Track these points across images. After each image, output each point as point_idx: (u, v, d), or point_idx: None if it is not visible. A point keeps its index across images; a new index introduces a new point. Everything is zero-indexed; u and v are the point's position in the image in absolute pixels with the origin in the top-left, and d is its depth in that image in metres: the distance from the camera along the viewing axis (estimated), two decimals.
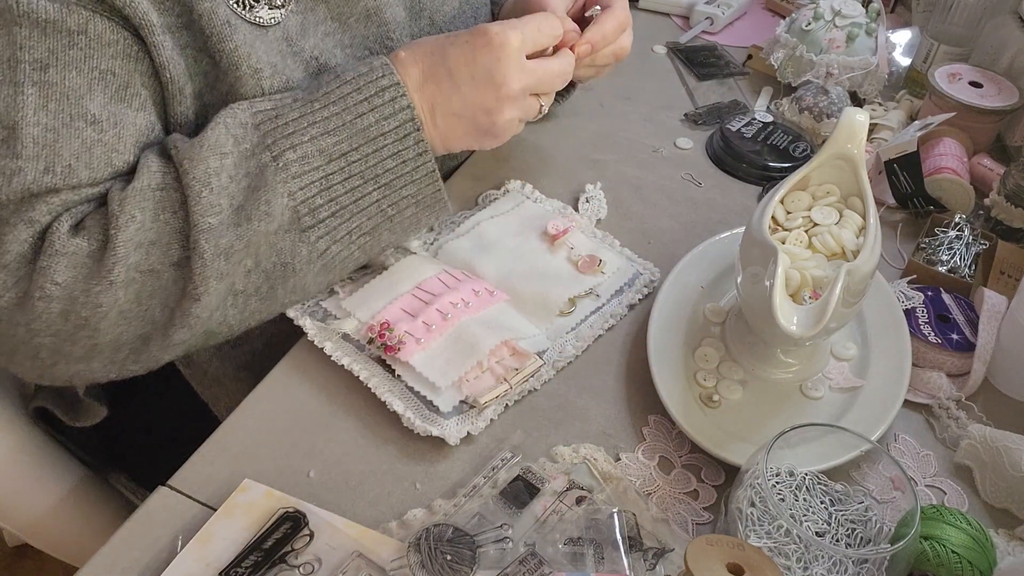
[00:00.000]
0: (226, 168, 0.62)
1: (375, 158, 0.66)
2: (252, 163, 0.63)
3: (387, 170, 0.67)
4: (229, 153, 0.63)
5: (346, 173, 0.65)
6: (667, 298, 0.77)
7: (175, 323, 0.64)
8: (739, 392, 0.71)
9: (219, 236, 0.62)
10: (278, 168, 0.63)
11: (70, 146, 0.61)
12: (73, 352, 0.63)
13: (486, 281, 0.77)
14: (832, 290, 0.59)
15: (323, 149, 0.64)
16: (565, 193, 0.91)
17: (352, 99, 0.65)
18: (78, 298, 0.61)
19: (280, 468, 0.65)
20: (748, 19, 1.30)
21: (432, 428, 0.66)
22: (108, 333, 0.63)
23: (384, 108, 0.66)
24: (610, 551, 0.57)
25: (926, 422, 0.72)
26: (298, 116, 0.65)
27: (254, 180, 0.63)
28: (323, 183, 0.64)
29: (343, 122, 0.65)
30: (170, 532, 0.60)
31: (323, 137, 0.64)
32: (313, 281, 0.69)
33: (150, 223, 0.62)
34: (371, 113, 0.65)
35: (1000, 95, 0.97)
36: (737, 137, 0.99)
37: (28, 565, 1.38)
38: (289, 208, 0.64)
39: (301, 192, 0.64)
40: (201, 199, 0.61)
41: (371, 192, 0.67)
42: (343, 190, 0.65)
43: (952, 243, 0.84)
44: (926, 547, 0.57)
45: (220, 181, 0.62)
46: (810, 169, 0.71)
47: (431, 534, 0.58)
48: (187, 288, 0.62)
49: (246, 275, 0.65)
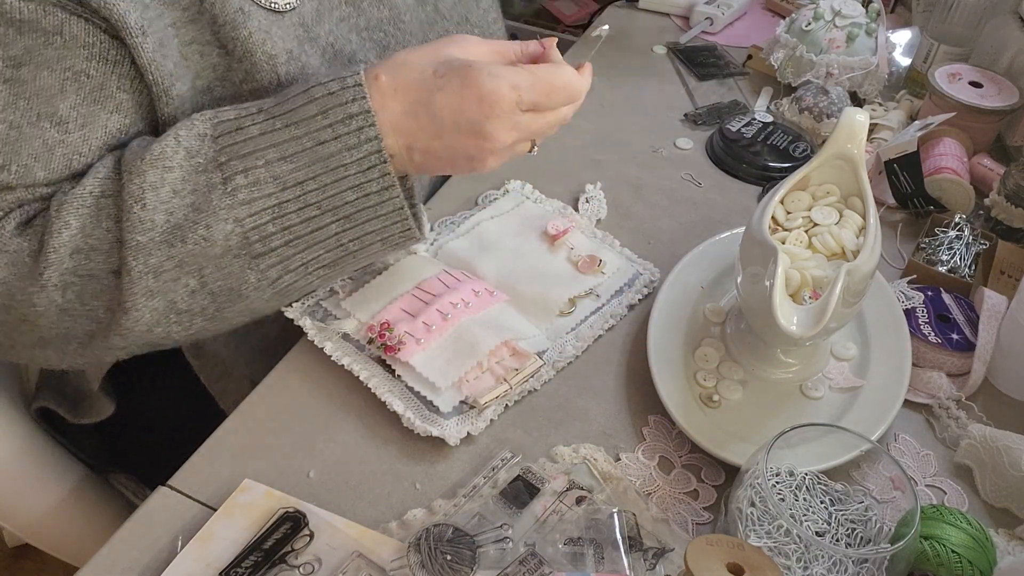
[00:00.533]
0: (168, 182, 0.60)
1: (334, 188, 0.61)
2: (201, 179, 0.60)
3: (347, 202, 0.62)
4: (176, 167, 0.60)
5: (301, 203, 0.61)
6: (667, 298, 0.77)
7: (111, 329, 0.63)
8: (739, 392, 0.71)
9: (148, 255, 0.60)
10: (225, 192, 0.60)
11: (30, 145, 0.61)
12: (23, 340, 0.64)
13: (486, 281, 0.77)
14: (832, 290, 0.59)
15: (278, 176, 0.60)
16: (565, 193, 0.91)
17: (317, 123, 0.61)
18: (15, 295, 0.61)
19: (280, 468, 0.65)
20: (748, 19, 1.30)
21: (432, 428, 0.66)
22: (52, 328, 0.63)
23: (349, 138, 0.61)
24: (610, 551, 0.57)
25: (926, 422, 0.72)
26: (258, 134, 0.61)
27: (199, 199, 0.60)
28: (275, 211, 0.61)
29: (302, 147, 0.61)
30: (170, 532, 0.60)
31: (280, 163, 0.60)
32: (266, 305, 0.67)
33: (90, 229, 0.61)
34: (334, 142, 0.61)
35: (1000, 95, 0.97)
36: (737, 137, 0.99)
37: (28, 566, 1.38)
38: (236, 234, 0.61)
39: (250, 219, 0.61)
40: (131, 214, 0.59)
41: (328, 224, 0.62)
42: (297, 219, 0.62)
43: (952, 243, 0.84)
44: (926, 547, 0.57)
45: (158, 196, 0.60)
46: (810, 169, 0.71)
47: (431, 534, 0.58)
48: (119, 300, 0.61)
49: (190, 295, 0.63)
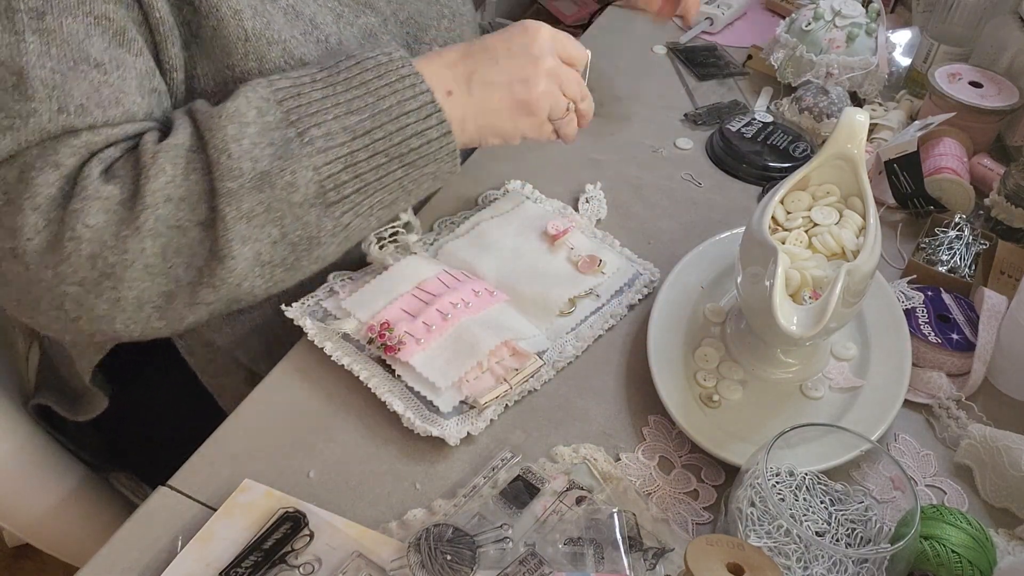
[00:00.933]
0: (247, 136, 0.64)
1: (399, 136, 0.68)
2: (276, 134, 0.65)
3: (411, 149, 0.69)
4: (251, 123, 0.64)
5: (371, 151, 0.67)
6: (667, 298, 0.77)
7: (202, 282, 0.65)
8: (739, 392, 0.71)
9: (240, 200, 0.63)
10: (302, 143, 0.65)
11: (79, 87, 0.62)
12: (97, 306, 0.64)
13: (486, 281, 0.77)
14: (832, 290, 0.59)
15: (347, 127, 0.66)
16: (565, 193, 0.91)
17: (373, 83, 0.68)
18: (107, 242, 0.62)
19: (280, 468, 0.65)
20: (748, 19, 1.30)
21: (432, 428, 0.66)
22: (132, 287, 0.63)
23: (405, 91, 0.68)
24: (610, 551, 0.57)
25: (926, 422, 0.72)
26: (320, 96, 0.67)
27: (278, 150, 0.64)
28: (348, 159, 0.66)
29: (365, 103, 0.67)
30: (170, 532, 0.60)
31: (347, 116, 0.66)
32: (335, 252, 0.71)
33: (180, 180, 0.63)
34: (392, 96, 0.68)
35: (1000, 95, 0.97)
36: (737, 137, 0.99)
37: (28, 566, 1.38)
38: (315, 182, 0.65)
39: (327, 167, 0.66)
40: (220, 164, 0.63)
41: (395, 170, 0.69)
42: (368, 167, 0.67)
43: (952, 243, 0.84)
44: (926, 547, 0.57)
45: (241, 147, 0.63)
46: (810, 169, 0.71)
47: (431, 534, 0.58)
48: (213, 249, 0.64)
49: (272, 246, 0.66)
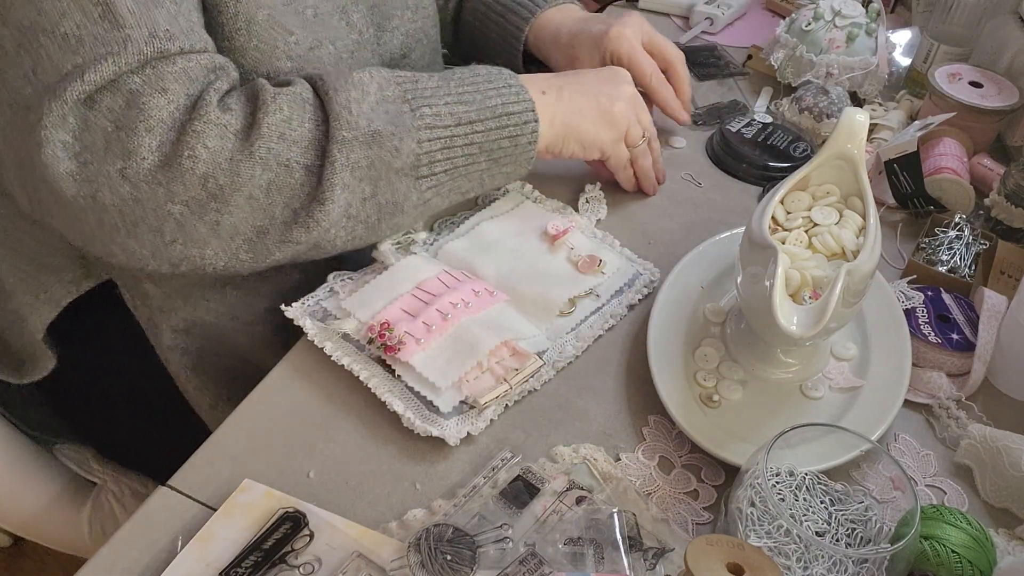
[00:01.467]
0: (368, 101, 0.70)
1: (496, 134, 0.75)
2: (392, 107, 0.71)
3: (501, 148, 0.76)
4: (372, 93, 0.70)
5: (468, 140, 0.74)
6: (667, 298, 0.77)
7: (297, 222, 0.68)
8: (739, 392, 0.71)
9: (351, 150, 0.68)
10: (414, 116, 0.71)
11: (161, 15, 0.65)
12: (196, 229, 0.66)
13: (486, 281, 0.77)
14: (832, 290, 0.59)
15: (454, 113, 0.73)
16: (565, 193, 0.91)
17: (483, 84, 0.76)
18: (221, 164, 0.65)
19: (280, 468, 0.65)
20: (748, 19, 1.30)
21: (432, 428, 0.66)
22: (232, 214, 0.66)
23: (510, 96, 0.76)
24: (610, 551, 0.57)
25: (926, 422, 0.72)
26: (436, 86, 0.74)
27: (393, 118, 0.70)
28: (447, 142, 0.72)
29: (474, 99, 0.74)
30: (170, 532, 0.60)
31: (456, 105, 0.73)
32: (410, 222, 0.77)
33: (296, 123, 0.67)
34: (498, 97, 0.76)
35: (1000, 95, 0.97)
36: (737, 137, 0.99)
37: (27, 565, 1.38)
38: (414, 154, 0.71)
39: (428, 143, 0.71)
40: (340, 118, 0.68)
41: (482, 162, 0.76)
42: (460, 154, 0.74)
43: (952, 243, 0.84)
44: (926, 547, 0.57)
45: (360, 108, 0.69)
46: (810, 169, 0.71)
47: (431, 534, 0.58)
48: (315, 191, 0.68)
49: (362, 202, 0.70)
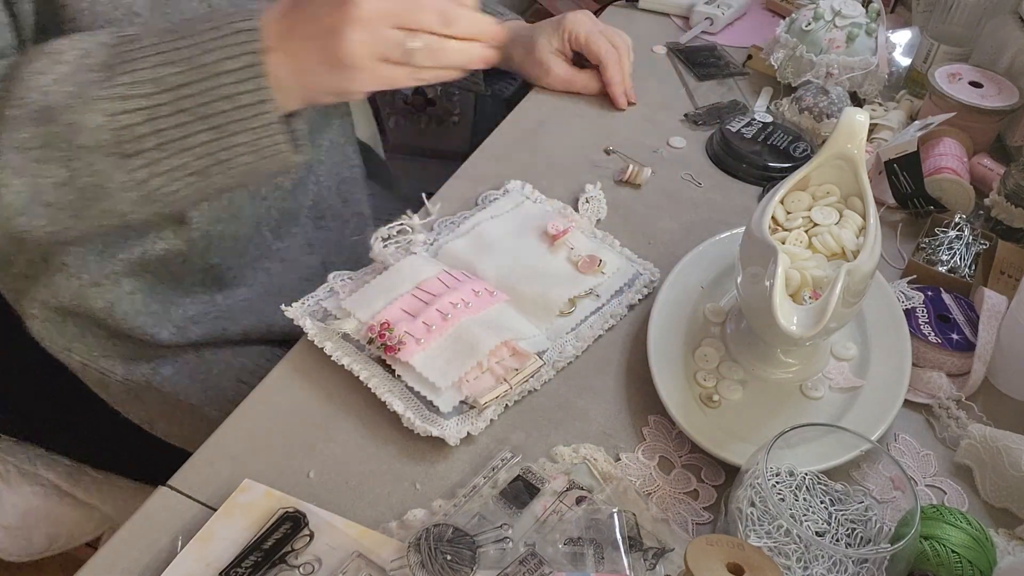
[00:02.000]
0: (54, 72, 0.63)
1: (208, 96, 0.63)
2: (86, 76, 0.63)
3: (219, 112, 0.64)
4: (66, 63, 0.63)
5: (175, 107, 0.63)
6: (667, 298, 0.77)
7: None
8: (739, 392, 0.71)
9: (16, 129, 0.62)
10: (103, 87, 0.62)
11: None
12: None
13: (486, 281, 0.77)
14: (832, 290, 0.59)
15: (158, 78, 0.63)
16: (565, 193, 0.91)
17: (206, 35, 0.64)
18: None
19: (280, 468, 0.65)
20: (748, 19, 1.30)
21: (432, 428, 0.66)
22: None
23: (232, 48, 0.63)
24: (610, 551, 0.57)
25: (926, 422, 0.72)
26: (150, 44, 0.64)
27: (78, 90, 0.63)
28: (149, 112, 0.63)
29: (187, 56, 0.63)
30: (170, 532, 0.60)
31: (163, 67, 0.63)
32: (133, 209, 0.68)
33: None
34: (218, 51, 0.63)
35: (1000, 95, 0.97)
36: (737, 137, 0.99)
37: (27, 565, 1.38)
38: (107, 130, 0.63)
39: (124, 116, 0.63)
40: (11, 93, 0.62)
41: (199, 132, 0.64)
42: (169, 124, 0.64)
43: (952, 243, 0.84)
44: (926, 547, 0.57)
45: (39, 81, 0.62)
46: (810, 169, 0.71)
47: (431, 534, 0.58)
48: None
49: (56, 187, 0.64)
